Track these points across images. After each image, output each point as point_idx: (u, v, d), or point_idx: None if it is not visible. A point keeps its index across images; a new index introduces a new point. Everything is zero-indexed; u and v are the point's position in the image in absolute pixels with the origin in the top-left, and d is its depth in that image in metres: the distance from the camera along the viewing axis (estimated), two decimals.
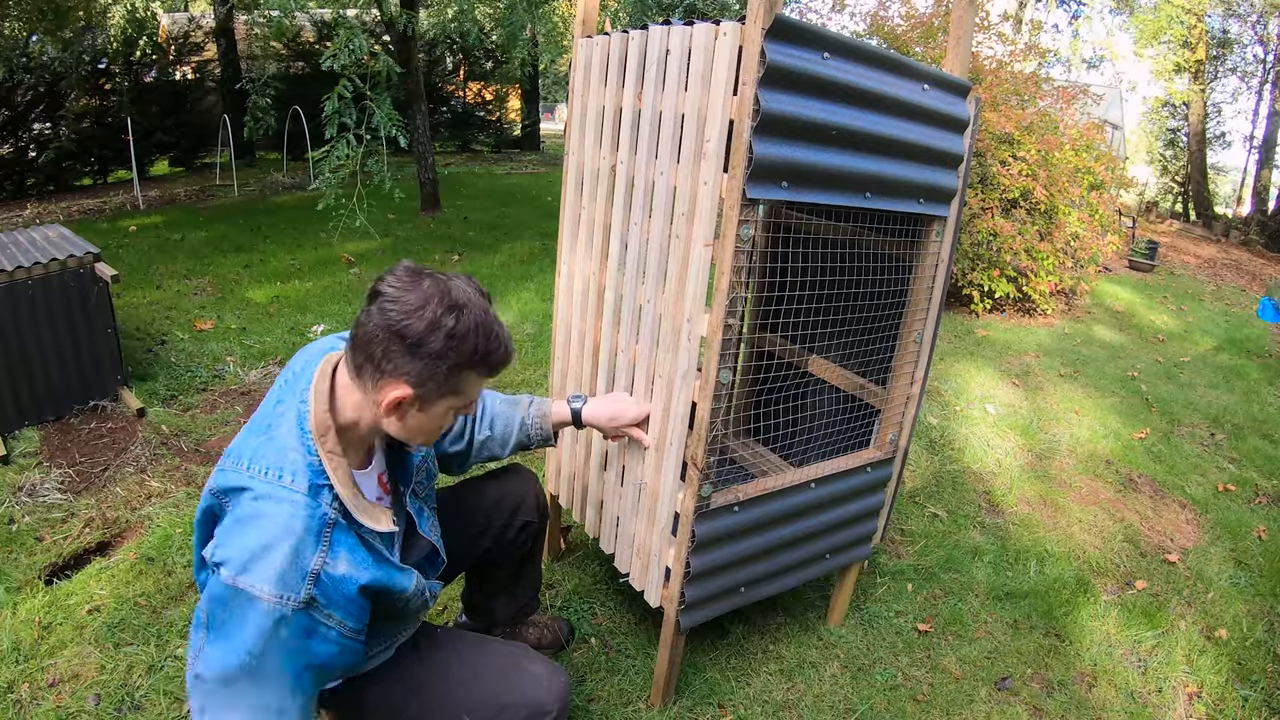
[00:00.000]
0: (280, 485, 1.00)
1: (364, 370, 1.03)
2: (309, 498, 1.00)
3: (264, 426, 1.07)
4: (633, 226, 1.59)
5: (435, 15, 9.93)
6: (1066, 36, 19.10)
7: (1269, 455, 3.63)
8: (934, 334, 1.82)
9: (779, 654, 1.98)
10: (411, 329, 0.98)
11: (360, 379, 1.04)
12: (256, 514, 0.99)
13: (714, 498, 1.52)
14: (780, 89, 1.26)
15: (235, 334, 3.95)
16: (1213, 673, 2.10)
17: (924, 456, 3.20)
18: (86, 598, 1.98)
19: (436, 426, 1.11)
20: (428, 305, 0.99)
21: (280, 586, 0.95)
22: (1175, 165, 19.60)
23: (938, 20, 6.25)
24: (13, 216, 7.00)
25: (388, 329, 0.99)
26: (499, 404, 1.58)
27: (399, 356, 1.00)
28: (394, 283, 1.01)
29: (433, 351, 1.00)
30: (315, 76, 10.58)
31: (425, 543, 1.31)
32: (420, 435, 1.12)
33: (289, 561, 0.96)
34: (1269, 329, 6.50)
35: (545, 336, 4.11)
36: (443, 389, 1.04)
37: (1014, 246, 5.23)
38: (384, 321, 0.99)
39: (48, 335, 2.79)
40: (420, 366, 1.01)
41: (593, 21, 1.78)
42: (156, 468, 2.63)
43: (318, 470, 1.03)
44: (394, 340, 0.99)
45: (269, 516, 0.98)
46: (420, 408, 1.06)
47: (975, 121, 1.66)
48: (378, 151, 5.43)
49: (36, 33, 9.16)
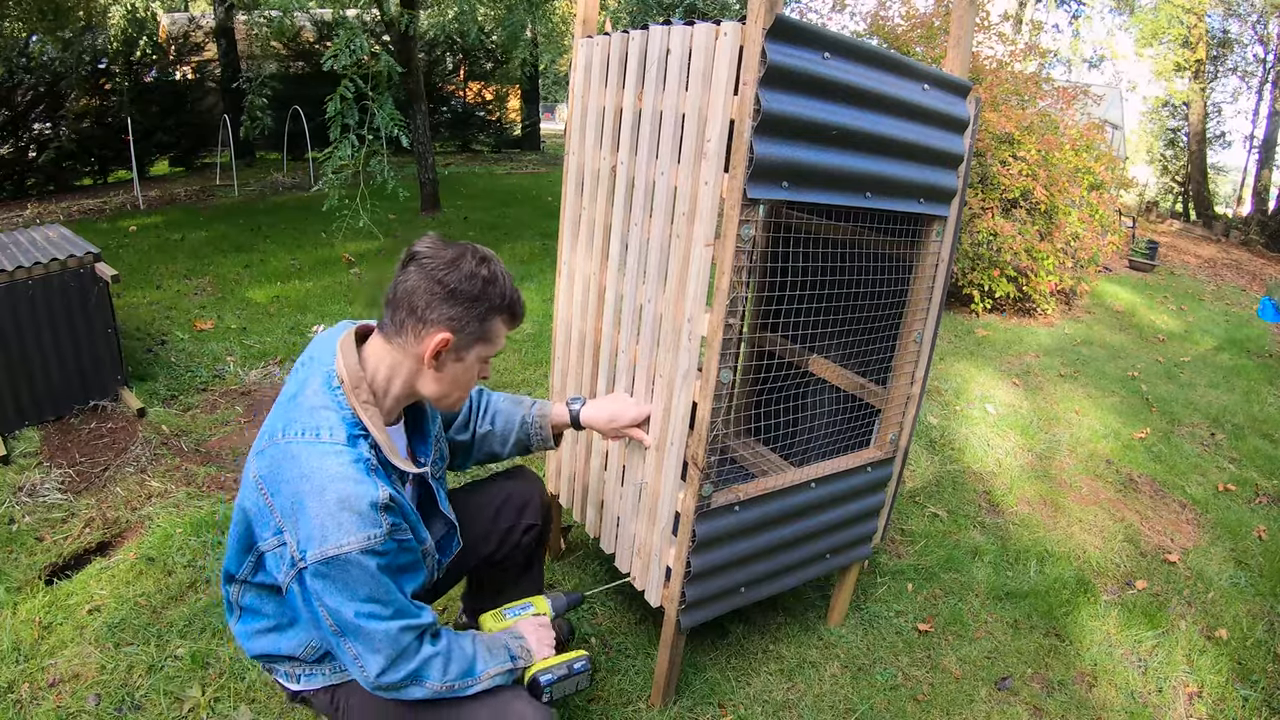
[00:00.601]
0: (320, 442, 1.07)
1: (405, 325, 1.12)
2: (349, 446, 1.07)
3: (290, 398, 1.13)
4: (633, 227, 1.59)
5: (435, 15, 9.92)
6: (1067, 36, 19.12)
7: (1269, 455, 3.63)
8: (934, 334, 1.82)
9: (779, 654, 1.98)
10: (451, 277, 1.11)
11: (401, 336, 1.13)
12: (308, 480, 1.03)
13: (714, 497, 1.52)
14: (781, 89, 1.26)
15: (235, 334, 3.95)
16: (1213, 673, 2.10)
17: (924, 456, 3.20)
18: (86, 598, 1.98)
19: (469, 379, 1.20)
20: (463, 257, 1.12)
21: (363, 529, 1.02)
22: (1175, 165, 19.59)
23: (938, 20, 6.25)
24: (13, 216, 7.00)
25: (430, 279, 1.10)
26: (501, 401, 1.59)
27: (441, 304, 1.11)
28: (428, 244, 1.14)
29: (471, 295, 1.12)
30: (315, 76, 10.58)
31: (444, 520, 1.35)
32: (455, 389, 1.20)
33: (360, 504, 1.02)
34: (1269, 329, 6.50)
35: (545, 336, 4.11)
36: (477, 334, 1.15)
37: (1014, 246, 5.23)
38: (425, 274, 1.11)
39: (48, 335, 2.79)
40: (459, 311, 1.12)
41: (593, 21, 1.78)
42: (156, 468, 2.63)
43: (353, 422, 1.10)
44: (436, 288, 1.10)
45: (320, 476, 1.03)
46: (458, 356, 1.16)
47: (975, 121, 1.66)
48: (380, 151, 5.43)
49: (36, 33, 9.15)
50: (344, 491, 1.02)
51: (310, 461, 1.04)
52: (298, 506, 1.03)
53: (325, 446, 1.06)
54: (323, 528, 1.01)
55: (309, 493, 1.02)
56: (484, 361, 1.21)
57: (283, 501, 1.04)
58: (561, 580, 2.18)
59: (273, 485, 1.06)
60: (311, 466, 1.04)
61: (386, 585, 1.07)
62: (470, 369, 1.19)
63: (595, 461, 1.85)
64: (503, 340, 1.21)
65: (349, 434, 1.08)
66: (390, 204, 6.86)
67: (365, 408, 1.12)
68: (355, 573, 1.03)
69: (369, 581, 1.04)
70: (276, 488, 1.05)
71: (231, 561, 1.19)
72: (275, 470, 1.06)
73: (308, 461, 1.04)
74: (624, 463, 1.72)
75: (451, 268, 1.11)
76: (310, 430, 1.07)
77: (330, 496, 1.02)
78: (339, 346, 1.15)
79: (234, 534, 1.16)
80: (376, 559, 1.04)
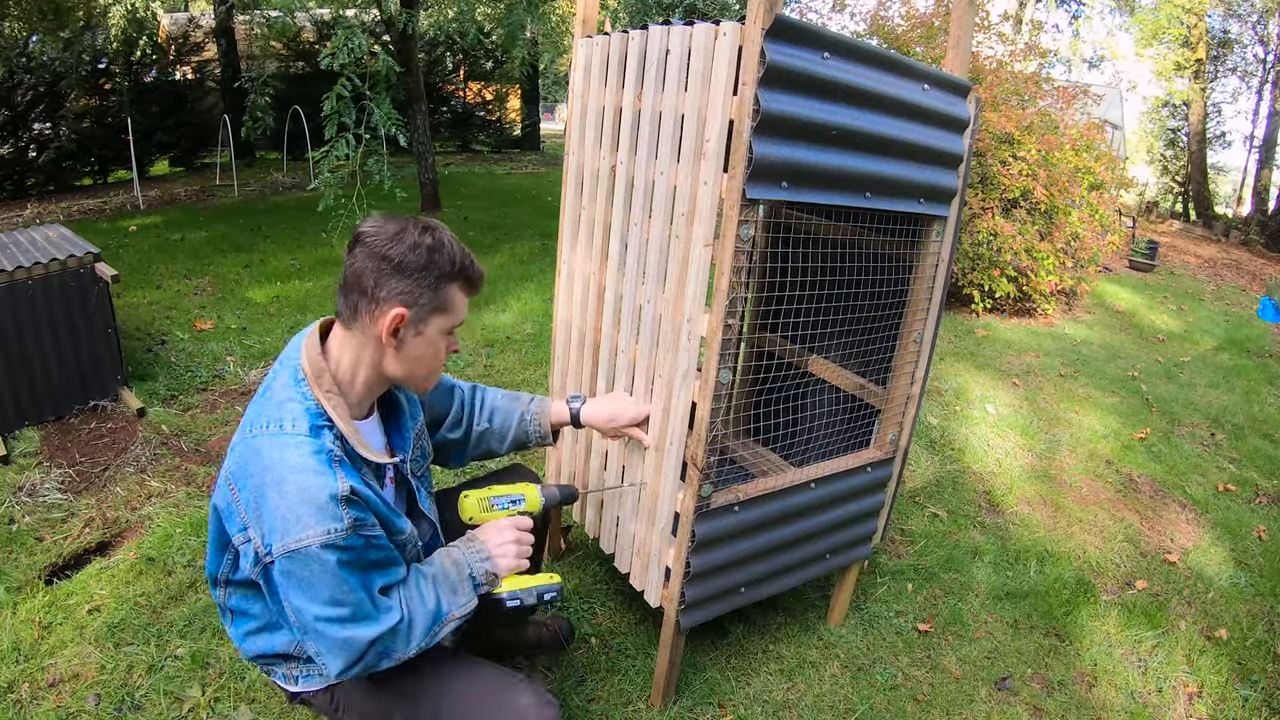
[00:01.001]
0: (284, 433, 1.05)
1: (359, 307, 1.10)
2: (311, 437, 1.06)
3: (259, 395, 1.13)
4: (633, 226, 1.59)
5: (435, 15, 9.92)
6: (1067, 36, 19.11)
7: (1269, 455, 3.63)
8: (934, 334, 1.82)
9: (779, 654, 1.98)
10: (395, 250, 1.08)
11: (357, 319, 1.11)
12: (269, 473, 1.02)
13: (714, 498, 1.52)
14: (780, 89, 1.26)
15: (235, 334, 3.95)
16: (1213, 673, 2.10)
17: (924, 456, 3.20)
18: (86, 598, 1.98)
19: (434, 354, 1.17)
20: (405, 230, 1.10)
21: (323, 523, 1.01)
22: (1175, 165, 19.59)
23: (938, 20, 6.25)
24: (13, 216, 7.00)
25: (375, 257, 1.08)
26: (499, 398, 1.58)
27: (389, 279, 1.08)
28: (371, 223, 1.11)
29: (418, 266, 1.09)
30: (315, 76, 10.56)
31: (427, 520, 1.34)
32: (422, 366, 1.18)
33: (319, 496, 1.01)
34: (1269, 329, 6.50)
35: (545, 336, 4.11)
36: (433, 304, 1.12)
37: (1014, 246, 5.23)
38: (370, 253, 1.08)
39: (48, 335, 2.79)
40: (409, 284, 1.09)
41: (593, 21, 1.78)
42: (156, 468, 2.63)
43: (316, 412, 1.08)
44: (382, 264, 1.08)
45: (280, 468, 1.02)
46: (417, 330, 1.13)
47: (975, 121, 1.65)
48: (377, 151, 5.42)
49: (36, 33, 9.15)
50: (303, 483, 1.01)
51: (272, 453, 1.03)
52: (260, 499, 1.02)
53: (286, 438, 1.04)
54: (283, 520, 1.00)
55: (270, 484, 1.02)
56: (448, 334, 1.18)
57: (247, 495, 1.04)
58: (561, 580, 2.18)
59: (239, 480, 1.05)
60: (273, 458, 1.03)
61: (349, 583, 1.04)
62: (434, 343, 1.16)
63: (595, 461, 1.85)
64: (462, 310, 1.17)
65: (311, 424, 1.06)
66: (390, 204, 6.86)
67: (329, 398, 1.10)
68: (316, 568, 1.01)
69: (329, 580, 1.02)
70: (243, 482, 1.05)
71: (211, 562, 1.19)
72: (242, 465, 1.05)
73: (269, 454, 1.03)
74: (623, 463, 1.72)
75: (395, 241, 1.08)
76: (274, 423, 1.06)
77: (290, 488, 1.01)
78: (303, 342, 1.14)
79: (210, 533, 1.16)
80: (338, 554, 1.02)
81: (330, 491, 1.01)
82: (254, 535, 1.03)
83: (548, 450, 2.10)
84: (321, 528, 1.00)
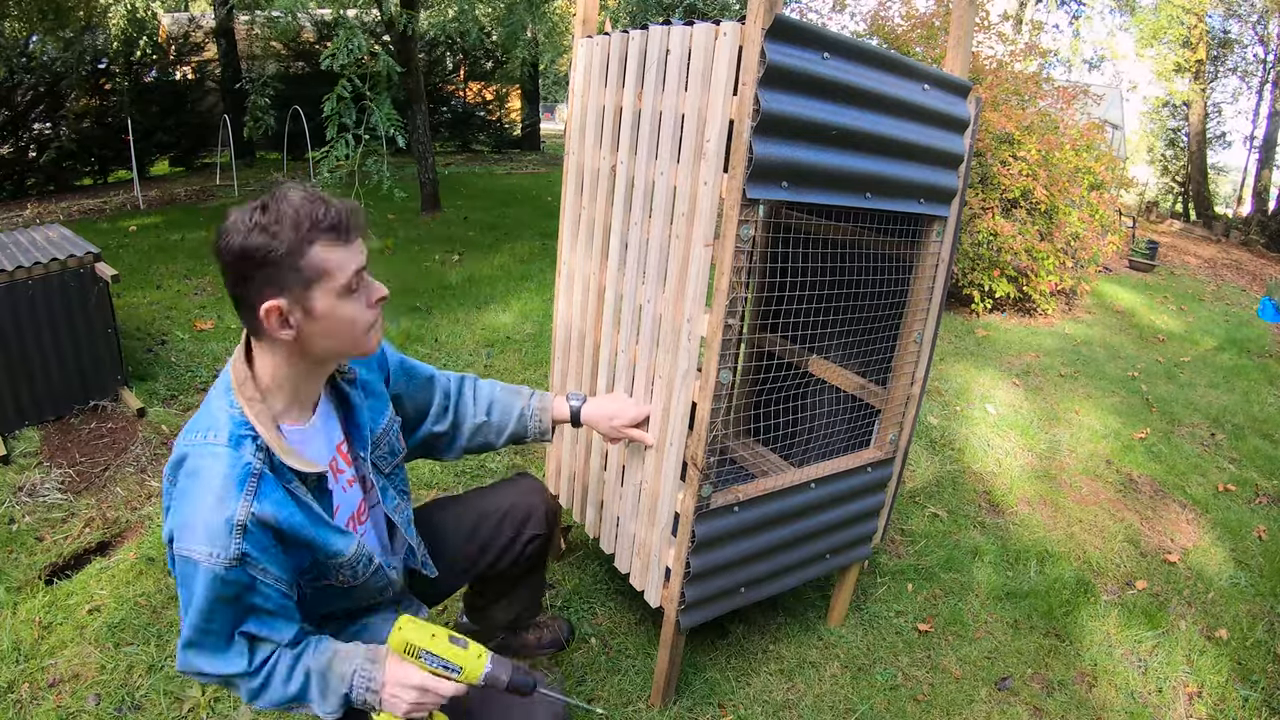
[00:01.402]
0: (206, 443, 1.03)
1: (245, 316, 1.04)
2: (230, 448, 1.02)
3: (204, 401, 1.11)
4: (633, 226, 1.59)
5: (435, 15, 9.92)
6: (1067, 36, 19.11)
7: (1269, 455, 3.63)
8: (934, 334, 1.82)
9: (779, 654, 1.98)
10: (235, 244, 0.97)
11: (253, 328, 1.05)
12: (189, 478, 1.02)
13: (714, 498, 1.52)
14: (780, 89, 1.26)
15: (235, 334, 3.95)
16: (1213, 673, 2.10)
17: (924, 456, 3.20)
18: (86, 598, 1.98)
19: (347, 319, 1.06)
20: (238, 217, 0.99)
21: (210, 544, 0.98)
22: (1175, 165, 19.59)
23: (938, 20, 6.25)
24: (13, 216, 7.00)
25: (225, 262, 0.99)
26: (499, 391, 1.57)
27: (247, 277, 0.99)
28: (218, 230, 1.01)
29: (261, 248, 0.97)
30: (315, 76, 10.57)
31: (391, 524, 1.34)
32: (342, 338, 1.08)
33: (214, 517, 0.98)
34: (1269, 329, 6.50)
35: (545, 336, 4.11)
36: (303, 277, 1.00)
37: (1014, 246, 5.23)
38: (222, 261, 1.00)
39: (48, 335, 2.79)
40: (268, 272, 0.98)
41: (593, 21, 1.78)
42: (156, 468, 2.63)
43: (239, 421, 1.04)
44: (233, 265, 0.99)
45: (197, 477, 1.01)
46: (305, 310, 1.02)
47: (976, 121, 1.65)
48: (377, 151, 5.42)
49: (37, 33, 9.15)
50: (206, 500, 0.99)
51: (194, 461, 1.02)
52: (178, 499, 1.03)
53: (207, 448, 1.02)
54: (184, 524, 1.00)
55: (183, 491, 1.02)
56: (347, 292, 1.04)
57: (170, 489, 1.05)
58: (561, 580, 2.18)
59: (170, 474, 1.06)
60: (194, 465, 1.02)
61: (216, 615, 1.02)
62: (339, 307, 1.04)
63: (595, 461, 1.85)
64: (345, 263, 1.03)
65: (233, 434, 1.03)
66: (390, 204, 6.86)
67: (251, 405, 1.05)
68: (193, 585, 1.00)
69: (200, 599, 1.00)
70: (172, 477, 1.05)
71: None
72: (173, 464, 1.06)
73: (192, 460, 1.03)
74: (623, 463, 1.72)
75: (231, 233, 0.98)
76: (200, 431, 1.04)
77: (196, 500, 1.00)
78: (234, 354, 1.11)
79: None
80: (216, 583, 0.99)
81: (226, 516, 0.98)
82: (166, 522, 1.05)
83: (548, 449, 2.10)
84: (204, 549, 0.98)
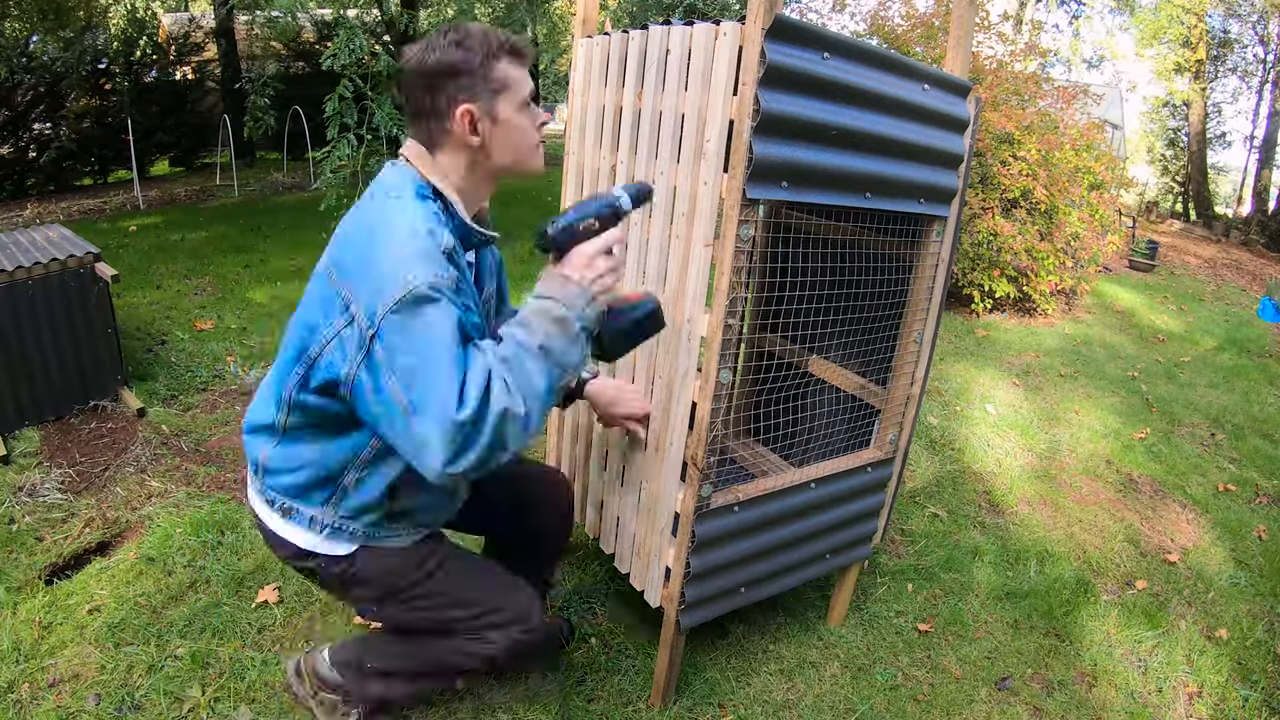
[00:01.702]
0: (390, 198, 1.12)
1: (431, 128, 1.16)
2: (418, 199, 1.12)
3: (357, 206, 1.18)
4: (633, 226, 1.59)
5: (435, 15, 9.93)
6: (1067, 36, 19.12)
7: (1269, 455, 3.63)
8: (934, 334, 1.82)
9: (779, 654, 1.98)
10: (430, 58, 1.12)
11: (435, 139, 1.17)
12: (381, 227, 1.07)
13: (714, 498, 1.52)
14: (780, 89, 1.26)
15: (235, 334, 3.95)
16: (1213, 673, 2.10)
17: (924, 456, 3.20)
18: (86, 598, 1.98)
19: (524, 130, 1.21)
20: (433, 40, 1.14)
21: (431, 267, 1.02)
22: (1175, 165, 19.59)
23: (938, 20, 6.25)
24: (13, 216, 7.00)
25: (418, 74, 1.14)
26: None
27: (440, 86, 1.13)
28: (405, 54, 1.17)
29: (457, 61, 1.12)
30: (315, 76, 10.55)
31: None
32: (519, 150, 1.22)
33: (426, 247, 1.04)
34: (1269, 329, 6.50)
35: None
36: (491, 87, 1.15)
37: (1014, 246, 5.23)
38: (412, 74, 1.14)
39: (48, 335, 2.79)
40: (462, 80, 1.13)
41: (593, 21, 1.78)
42: (156, 468, 2.63)
43: (423, 185, 1.15)
44: (427, 77, 1.13)
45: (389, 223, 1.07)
46: (491, 118, 1.16)
47: (976, 121, 1.65)
48: (379, 151, 5.42)
49: (37, 33, 9.15)
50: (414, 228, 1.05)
51: (381, 214, 1.09)
52: (370, 254, 1.05)
53: (394, 201, 1.10)
54: (393, 266, 1.01)
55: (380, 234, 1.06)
56: (524, 108, 1.20)
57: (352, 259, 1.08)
58: (561, 580, 2.18)
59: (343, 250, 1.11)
60: (384, 217, 1.08)
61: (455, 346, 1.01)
62: (517, 118, 1.19)
63: (595, 461, 1.85)
64: (525, 82, 1.19)
65: (417, 192, 1.13)
66: None
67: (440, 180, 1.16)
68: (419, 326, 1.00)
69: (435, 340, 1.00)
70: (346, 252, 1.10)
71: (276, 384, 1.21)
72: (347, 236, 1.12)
73: (379, 215, 1.09)
74: (624, 463, 1.72)
75: (427, 51, 1.13)
76: (381, 194, 1.13)
77: (400, 235, 1.04)
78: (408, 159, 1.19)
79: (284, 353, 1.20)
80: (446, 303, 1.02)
81: (438, 242, 1.06)
82: (357, 310, 1.03)
83: (548, 446, 2.11)
84: (430, 270, 1.01)
